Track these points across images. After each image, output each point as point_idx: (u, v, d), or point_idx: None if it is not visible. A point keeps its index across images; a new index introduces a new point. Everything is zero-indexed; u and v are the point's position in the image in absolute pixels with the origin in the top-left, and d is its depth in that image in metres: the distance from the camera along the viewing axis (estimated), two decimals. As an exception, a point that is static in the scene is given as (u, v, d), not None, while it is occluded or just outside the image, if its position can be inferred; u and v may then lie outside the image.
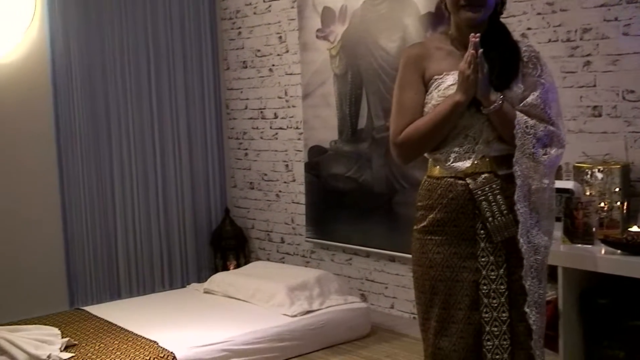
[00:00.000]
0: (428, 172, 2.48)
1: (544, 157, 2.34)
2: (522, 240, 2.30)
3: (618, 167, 3.19)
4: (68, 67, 4.95)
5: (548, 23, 3.68)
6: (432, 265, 2.40)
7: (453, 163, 2.38)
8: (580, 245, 3.01)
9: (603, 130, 3.49)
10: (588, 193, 3.17)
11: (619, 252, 2.89)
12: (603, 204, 3.15)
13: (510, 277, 2.35)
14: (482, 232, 2.35)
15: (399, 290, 4.61)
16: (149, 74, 5.33)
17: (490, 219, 2.33)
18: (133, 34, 5.24)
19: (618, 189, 3.15)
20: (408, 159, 2.49)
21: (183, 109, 5.51)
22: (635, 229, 2.97)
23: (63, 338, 3.71)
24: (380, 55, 4.53)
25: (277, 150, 5.42)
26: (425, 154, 2.46)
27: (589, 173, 3.21)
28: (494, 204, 2.33)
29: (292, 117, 5.26)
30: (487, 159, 2.36)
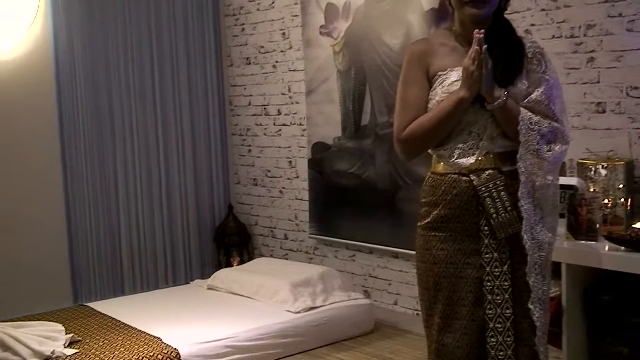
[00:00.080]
0: (432, 168, 2.48)
1: (548, 153, 2.33)
2: (526, 237, 2.30)
3: (622, 163, 3.18)
4: (71, 63, 4.96)
5: (552, 19, 3.68)
6: (435, 262, 2.40)
7: (457, 159, 2.37)
8: (584, 242, 3.00)
9: (607, 127, 3.48)
10: (592, 189, 3.17)
11: (623, 248, 2.88)
12: (607, 201, 3.15)
13: (514, 273, 2.35)
14: (486, 228, 2.35)
15: (403, 287, 4.61)
16: (153, 71, 5.33)
17: (494, 216, 2.33)
18: (136, 31, 5.24)
19: (622, 186, 3.15)
20: (412, 155, 2.49)
21: (186, 106, 5.51)
22: (639, 226, 2.97)
23: (67, 334, 3.72)
24: (384, 52, 4.53)
25: (280, 147, 5.42)
26: (429, 150, 2.45)
27: (593, 169, 3.20)
28: (498, 201, 2.33)
29: (295, 113, 5.25)
30: (491, 155, 2.36)
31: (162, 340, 3.66)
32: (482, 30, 2.27)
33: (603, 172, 3.18)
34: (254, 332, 3.84)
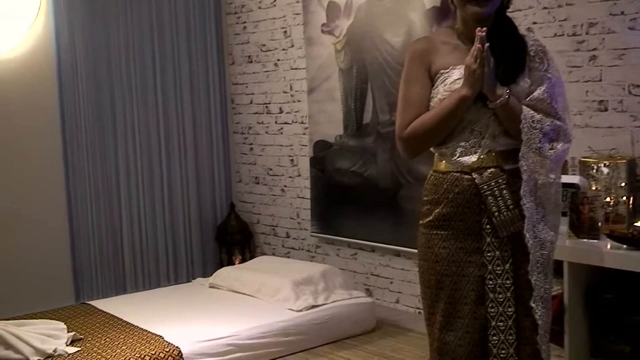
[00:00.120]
0: (434, 166, 2.47)
1: (551, 151, 2.33)
2: (528, 235, 2.30)
3: (624, 161, 3.18)
4: (73, 62, 4.96)
5: (554, 17, 3.67)
6: (437, 260, 2.40)
7: (459, 158, 2.37)
8: (586, 240, 3.00)
9: (609, 125, 3.48)
10: (594, 188, 3.16)
11: (625, 247, 2.88)
12: (609, 199, 3.14)
13: (516, 272, 2.35)
14: (488, 226, 2.35)
15: (404, 285, 4.61)
16: (154, 69, 5.33)
17: (496, 214, 2.33)
18: (138, 29, 5.24)
19: (624, 184, 3.14)
20: (414, 154, 2.48)
21: (188, 104, 5.51)
22: (641, 224, 2.97)
23: (69, 332, 3.72)
24: (386, 50, 4.53)
25: (282, 145, 5.42)
26: (431, 149, 2.45)
27: (595, 168, 3.20)
28: (500, 199, 2.33)
29: (297, 111, 5.25)
30: (493, 154, 2.36)
31: (164, 339, 3.66)
32: (484, 28, 2.26)
33: (605, 170, 3.17)
34: (256, 330, 3.85)
